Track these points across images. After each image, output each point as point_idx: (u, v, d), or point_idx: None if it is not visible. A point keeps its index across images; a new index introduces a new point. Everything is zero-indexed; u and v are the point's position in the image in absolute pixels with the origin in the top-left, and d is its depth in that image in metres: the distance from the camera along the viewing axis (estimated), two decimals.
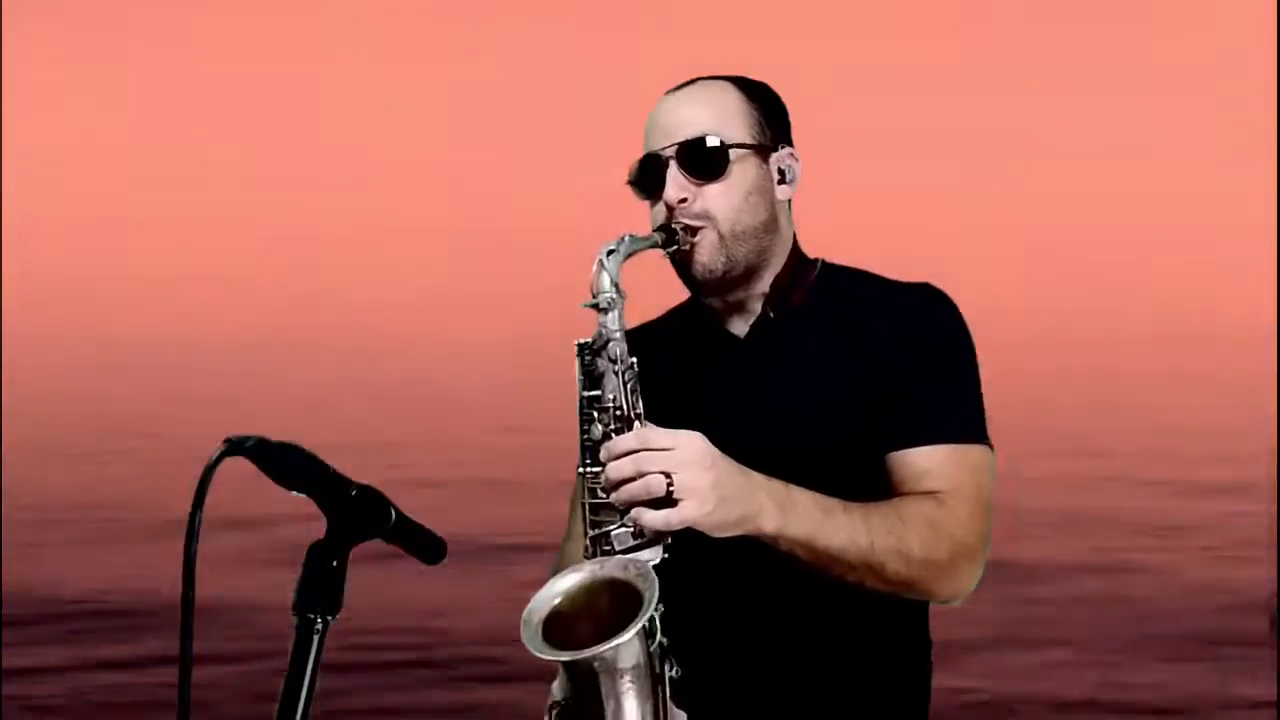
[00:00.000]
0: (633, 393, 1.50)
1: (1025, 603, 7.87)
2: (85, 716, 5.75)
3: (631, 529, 1.44)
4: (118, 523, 10.99)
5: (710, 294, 1.69)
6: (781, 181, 1.69)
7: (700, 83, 1.70)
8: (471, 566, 9.24)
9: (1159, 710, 5.95)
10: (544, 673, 1.59)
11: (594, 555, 1.48)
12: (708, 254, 1.63)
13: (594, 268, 1.52)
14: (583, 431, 1.52)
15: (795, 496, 1.48)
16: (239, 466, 1.33)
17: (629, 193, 1.72)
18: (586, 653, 1.37)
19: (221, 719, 5.33)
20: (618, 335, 1.51)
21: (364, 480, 1.38)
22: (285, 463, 1.33)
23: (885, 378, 1.62)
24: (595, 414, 1.50)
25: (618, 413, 1.49)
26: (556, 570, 1.73)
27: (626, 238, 1.56)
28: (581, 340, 1.53)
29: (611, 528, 1.46)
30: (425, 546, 1.45)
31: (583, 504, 1.51)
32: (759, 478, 1.47)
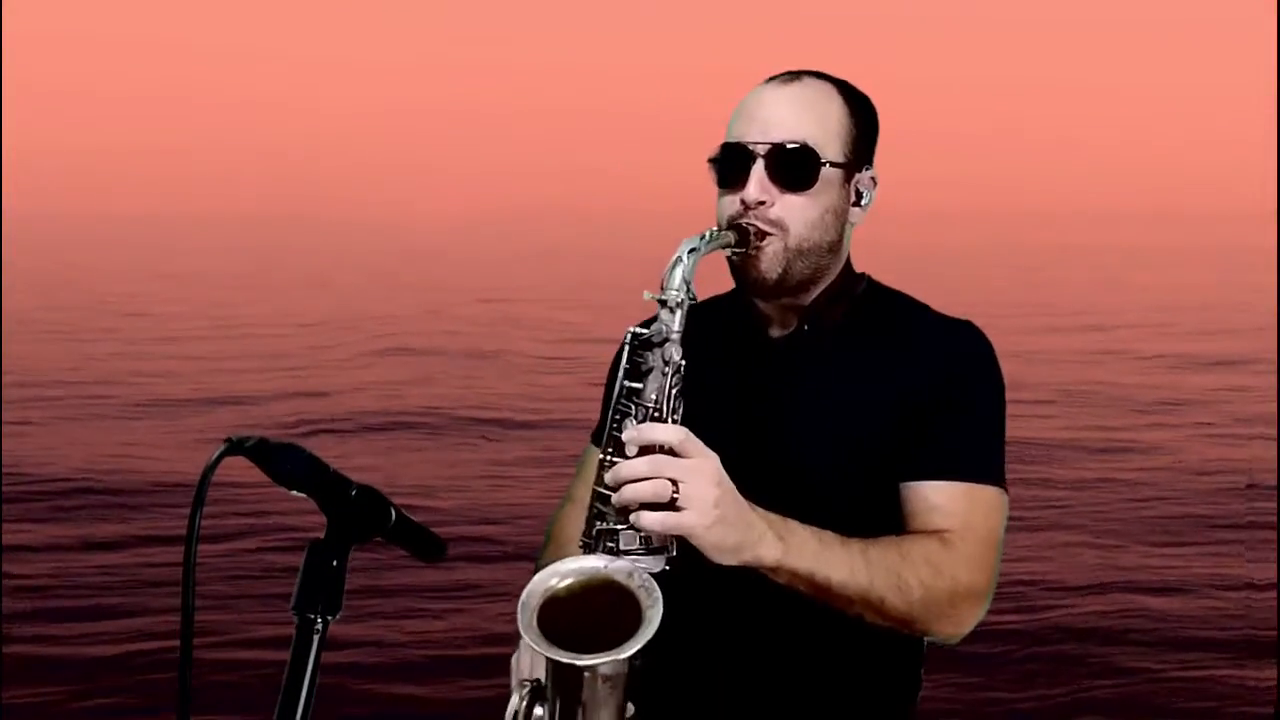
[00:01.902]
0: (675, 398, 1.46)
1: (1024, 484, 7.82)
2: (72, 595, 5.75)
3: (641, 534, 1.43)
4: (103, 400, 10.91)
5: (758, 296, 1.65)
6: (857, 204, 1.66)
7: (808, 80, 1.64)
8: (459, 440, 9.18)
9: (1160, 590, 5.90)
10: (529, 552, 1.60)
11: (596, 548, 1.45)
12: (767, 263, 1.59)
13: (671, 263, 1.47)
14: (614, 421, 1.48)
15: (795, 529, 1.47)
16: (239, 467, 1.32)
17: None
18: (586, 660, 1.36)
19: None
20: (676, 337, 1.46)
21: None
22: (285, 462, 1.32)
23: (909, 409, 1.59)
24: (633, 408, 1.46)
25: (655, 414, 1.45)
26: (552, 529, 1.76)
27: (708, 234, 1.51)
28: (636, 329, 1.48)
29: (621, 527, 1.43)
30: (425, 546, 1.45)
31: (594, 489, 1.47)
32: (760, 510, 1.45)
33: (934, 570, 1.51)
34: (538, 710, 1.45)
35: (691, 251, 1.48)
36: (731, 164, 1.60)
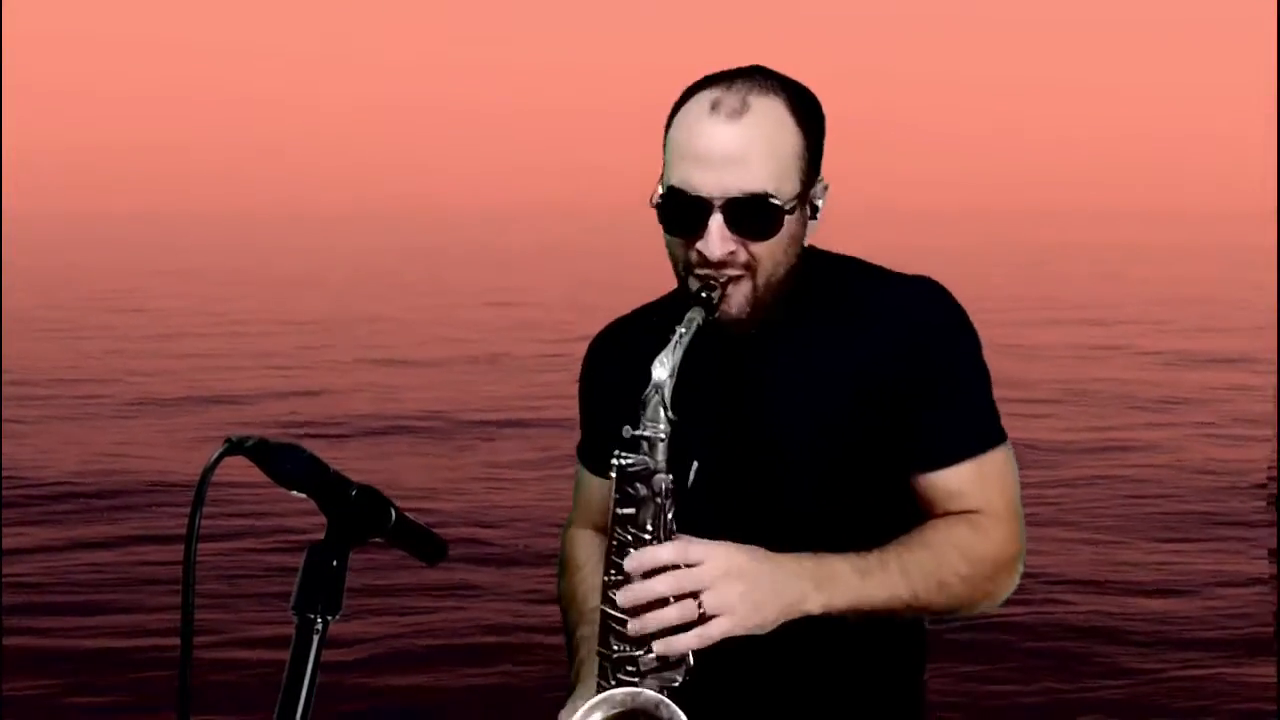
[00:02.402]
0: (670, 521, 1.43)
1: (1025, 484, 7.79)
2: (65, 591, 5.74)
3: (656, 655, 1.41)
4: (97, 400, 10.89)
5: (729, 331, 1.57)
6: (813, 216, 1.57)
7: (756, 107, 1.48)
8: (456, 444, 9.14)
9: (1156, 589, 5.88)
10: (525, 558, 1.48)
11: (615, 671, 1.44)
12: (737, 305, 1.52)
13: (648, 392, 1.42)
14: (613, 542, 1.45)
15: (834, 570, 1.46)
16: (236, 466, 1.31)
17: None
18: None
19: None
20: (663, 468, 1.43)
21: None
22: (285, 463, 1.31)
23: (879, 376, 1.55)
24: (630, 535, 1.44)
25: (655, 540, 1.43)
26: (567, 553, 1.75)
27: (676, 340, 1.44)
28: (624, 463, 1.44)
29: (638, 652, 1.42)
30: (425, 547, 1.44)
31: (603, 610, 1.45)
32: (790, 563, 1.44)
33: (969, 560, 1.53)
34: None
35: (670, 374, 1.43)
36: (684, 213, 1.49)
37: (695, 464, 1.56)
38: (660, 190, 1.51)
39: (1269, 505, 7.39)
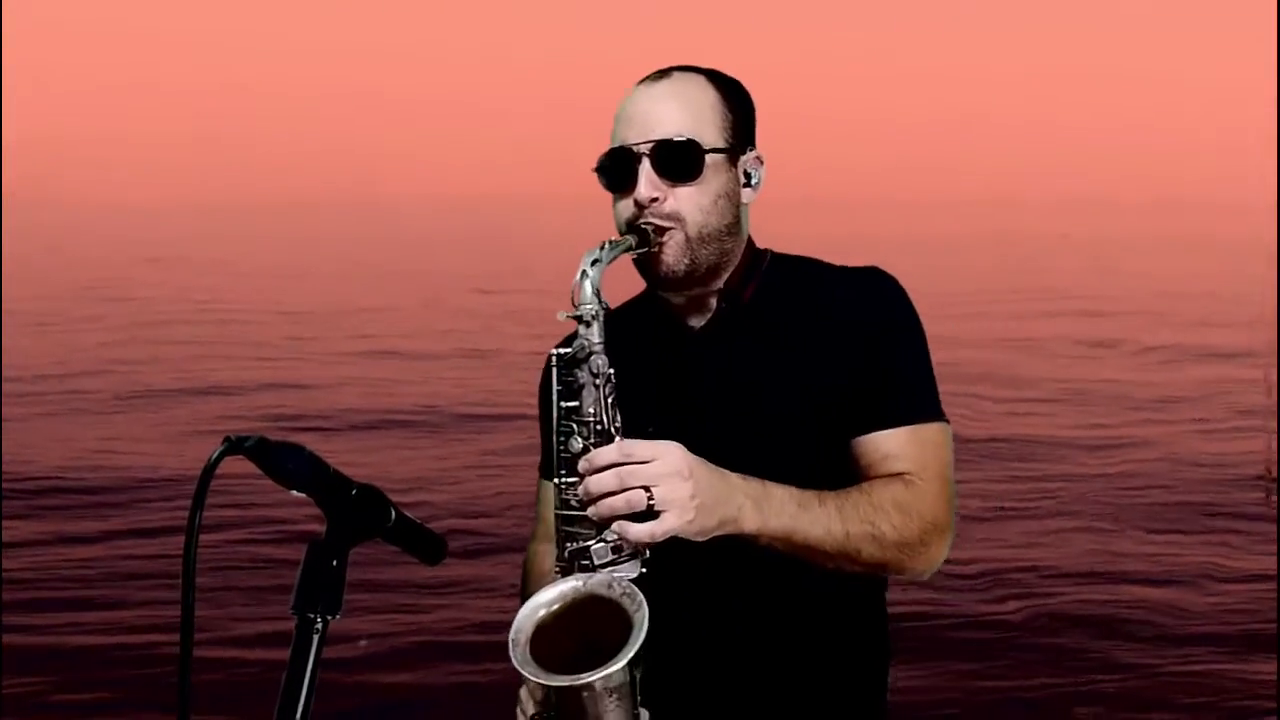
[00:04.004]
0: (612, 406, 1.51)
1: (1023, 479, 7.76)
2: (53, 588, 5.70)
3: (611, 543, 1.47)
4: (84, 394, 10.84)
5: (669, 290, 1.69)
6: (747, 185, 1.70)
7: (677, 76, 1.68)
8: (447, 435, 9.10)
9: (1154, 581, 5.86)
10: (519, 546, 1.64)
11: (571, 569, 1.50)
12: (673, 255, 1.63)
13: (577, 277, 1.52)
14: (559, 443, 1.53)
15: (772, 493, 1.53)
16: (229, 462, 1.30)
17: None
18: (584, 678, 1.39)
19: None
20: (599, 348, 1.52)
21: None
22: (285, 462, 1.33)
23: (840, 363, 1.65)
24: (574, 426, 1.52)
25: (598, 427, 1.51)
26: (529, 564, 1.80)
27: (607, 244, 1.55)
28: (559, 350, 1.54)
29: (591, 543, 1.48)
30: (425, 546, 1.45)
31: (557, 514, 1.54)
32: (735, 478, 1.51)
33: (903, 513, 1.58)
34: None
35: (595, 263, 1.52)
36: (618, 168, 1.64)
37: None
38: (599, 160, 1.67)
39: (1268, 497, 7.36)
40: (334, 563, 1.32)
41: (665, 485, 1.44)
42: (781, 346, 1.66)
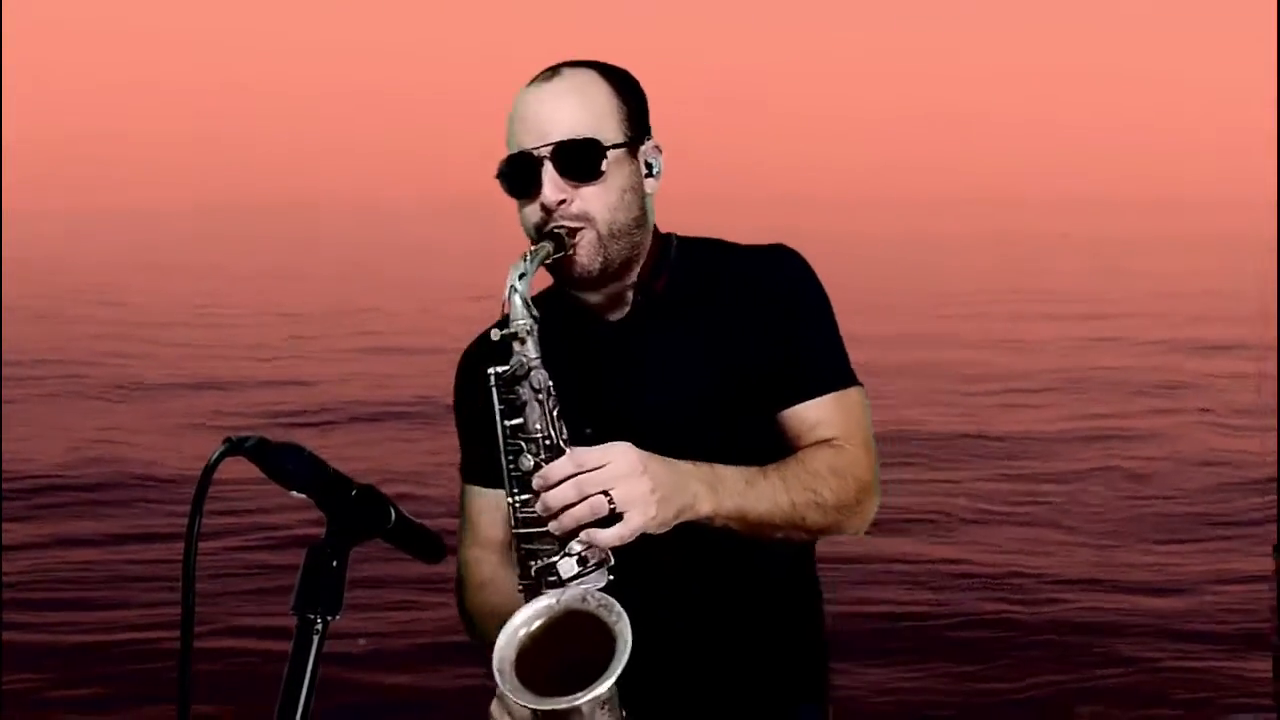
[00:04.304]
0: (557, 419, 1.52)
1: (1020, 477, 7.76)
2: (50, 588, 5.71)
3: (575, 556, 1.48)
4: (80, 394, 10.83)
5: (585, 290, 1.69)
6: (649, 174, 1.70)
7: (567, 73, 1.67)
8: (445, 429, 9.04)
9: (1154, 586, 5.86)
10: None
11: (538, 588, 1.50)
12: (587, 255, 1.63)
13: (506, 293, 1.53)
14: (508, 462, 1.54)
15: (721, 474, 1.56)
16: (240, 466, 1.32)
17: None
18: (582, 698, 1.39)
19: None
20: (537, 363, 1.52)
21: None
22: (285, 463, 1.33)
23: (758, 340, 1.68)
24: (522, 444, 1.52)
25: (546, 442, 1.51)
26: (466, 572, 1.80)
27: (528, 255, 1.56)
28: (497, 370, 1.55)
29: (556, 559, 1.48)
30: (424, 546, 1.46)
31: (515, 533, 1.55)
32: (686, 465, 1.54)
33: (839, 477, 1.64)
34: None
35: (522, 277, 1.53)
36: (520, 174, 1.64)
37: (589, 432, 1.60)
38: (499, 166, 1.67)
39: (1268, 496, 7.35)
40: (334, 563, 1.32)
41: (623, 486, 1.46)
42: (700, 331, 1.69)
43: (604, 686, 1.39)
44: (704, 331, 1.69)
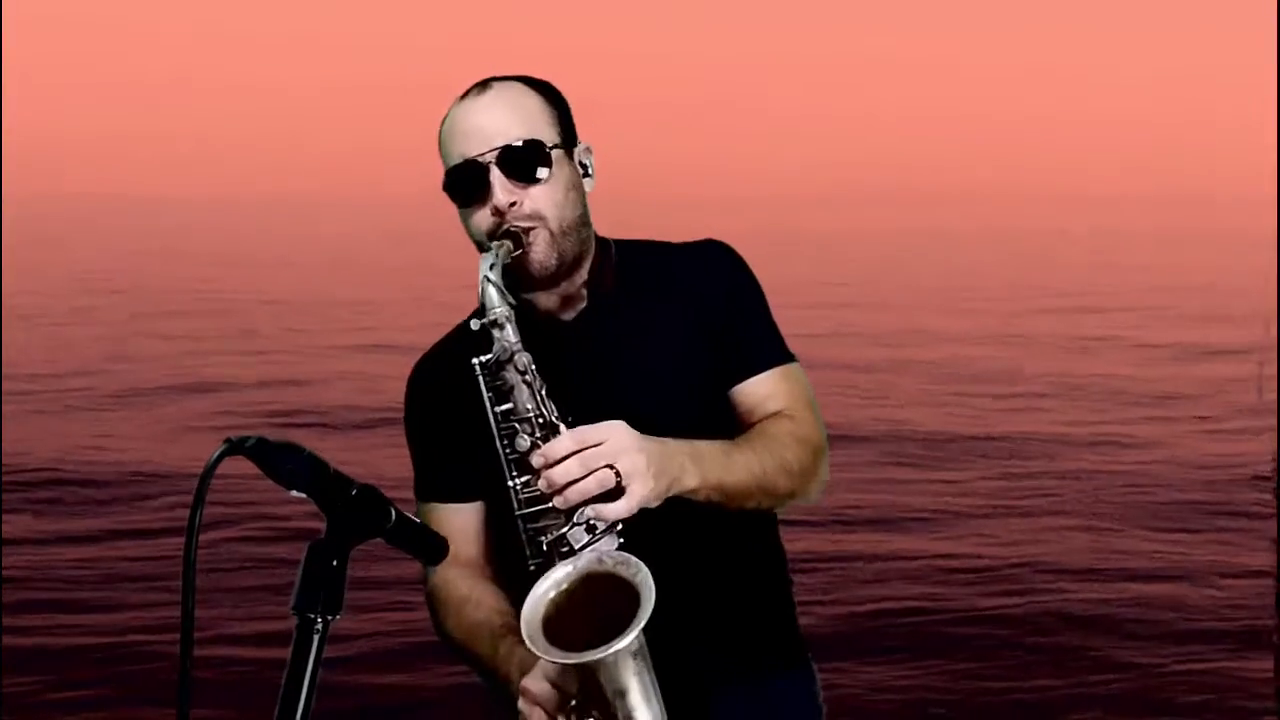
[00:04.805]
0: (546, 398, 1.58)
1: (1021, 476, 7.74)
2: (47, 588, 5.68)
3: (584, 525, 1.52)
4: (78, 392, 10.81)
5: (541, 289, 1.74)
6: (585, 175, 1.78)
7: (498, 85, 1.74)
8: None
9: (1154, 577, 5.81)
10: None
11: (550, 561, 1.54)
12: (542, 252, 1.69)
13: (480, 286, 1.58)
14: (504, 447, 1.58)
15: (701, 449, 1.63)
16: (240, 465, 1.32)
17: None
18: (615, 646, 1.43)
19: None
20: (519, 346, 1.58)
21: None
22: (285, 463, 1.33)
23: (705, 328, 1.77)
24: (516, 427, 1.57)
25: (540, 421, 1.56)
26: (440, 594, 1.79)
27: (493, 248, 1.62)
28: (481, 359, 1.60)
29: (565, 530, 1.53)
30: (425, 547, 1.46)
31: (519, 516, 1.58)
32: (671, 442, 1.60)
33: (799, 442, 1.72)
34: None
35: (492, 267, 1.59)
36: (467, 181, 1.70)
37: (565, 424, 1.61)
38: (445, 178, 1.73)
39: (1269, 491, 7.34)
40: (334, 563, 1.33)
41: (626, 459, 1.51)
42: (653, 325, 1.78)
43: (633, 634, 1.43)
44: (656, 325, 1.78)
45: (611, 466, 1.50)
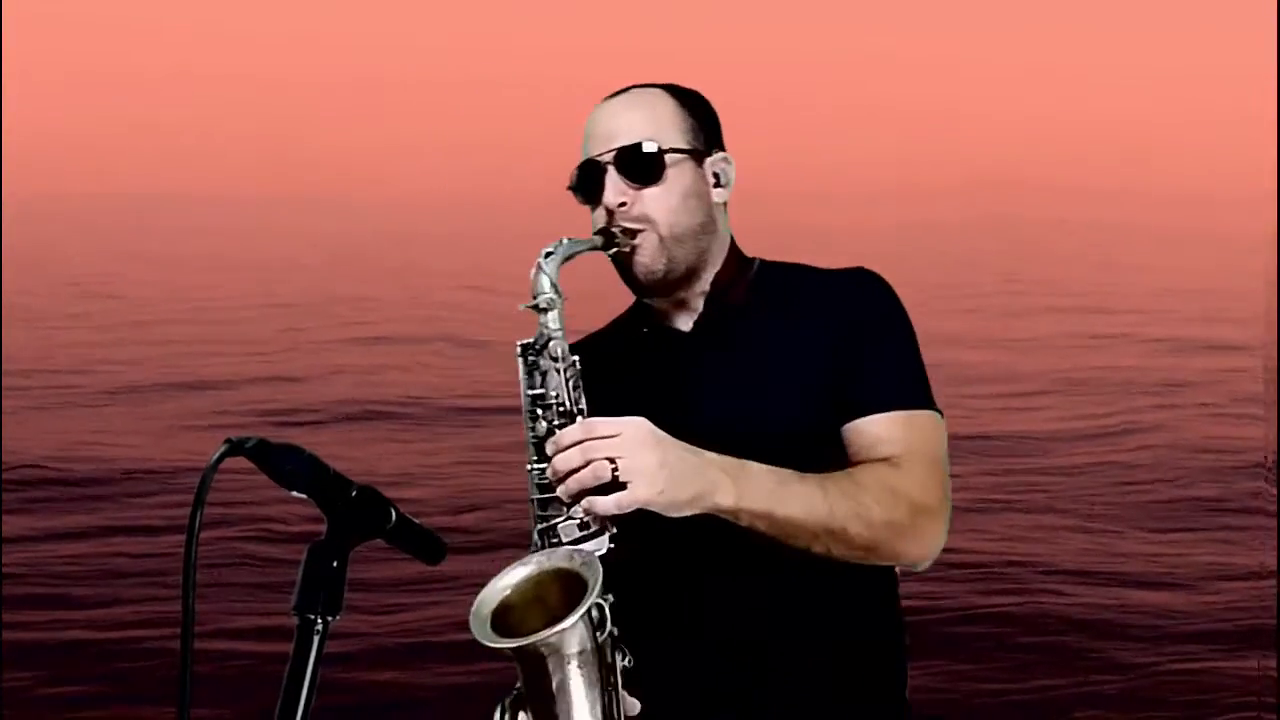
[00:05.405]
0: (575, 388, 1.56)
1: (1019, 471, 7.73)
2: (41, 584, 5.68)
3: (578, 520, 1.50)
4: (74, 389, 10.78)
5: (653, 294, 1.73)
6: (717, 185, 1.74)
7: (635, 90, 1.75)
8: (437, 429, 9.03)
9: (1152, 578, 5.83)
10: (509, 542, 1.53)
11: (541, 548, 1.53)
12: (649, 256, 1.68)
13: (533, 270, 1.58)
14: (528, 429, 1.58)
15: (749, 469, 1.53)
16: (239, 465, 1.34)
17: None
18: (532, 638, 1.41)
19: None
20: (559, 334, 1.57)
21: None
22: (286, 463, 1.34)
23: (828, 360, 1.67)
24: (540, 412, 1.56)
25: (561, 409, 1.55)
26: None
27: (564, 240, 1.61)
28: (523, 341, 1.59)
29: (557, 520, 1.51)
30: (425, 547, 1.47)
31: (530, 500, 1.56)
32: (711, 454, 1.52)
33: (890, 493, 1.58)
34: (522, 716, 1.50)
35: (548, 256, 1.58)
36: (587, 181, 1.71)
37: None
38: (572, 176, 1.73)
39: (1267, 485, 7.33)
40: (334, 564, 1.33)
41: (630, 456, 1.45)
42: (770, 345, 1.70)
43: (560, 627, 1.40)
44: (774, 345, 1.69)
45: (612, 460, 1.45)
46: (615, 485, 1.46)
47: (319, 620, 1.32)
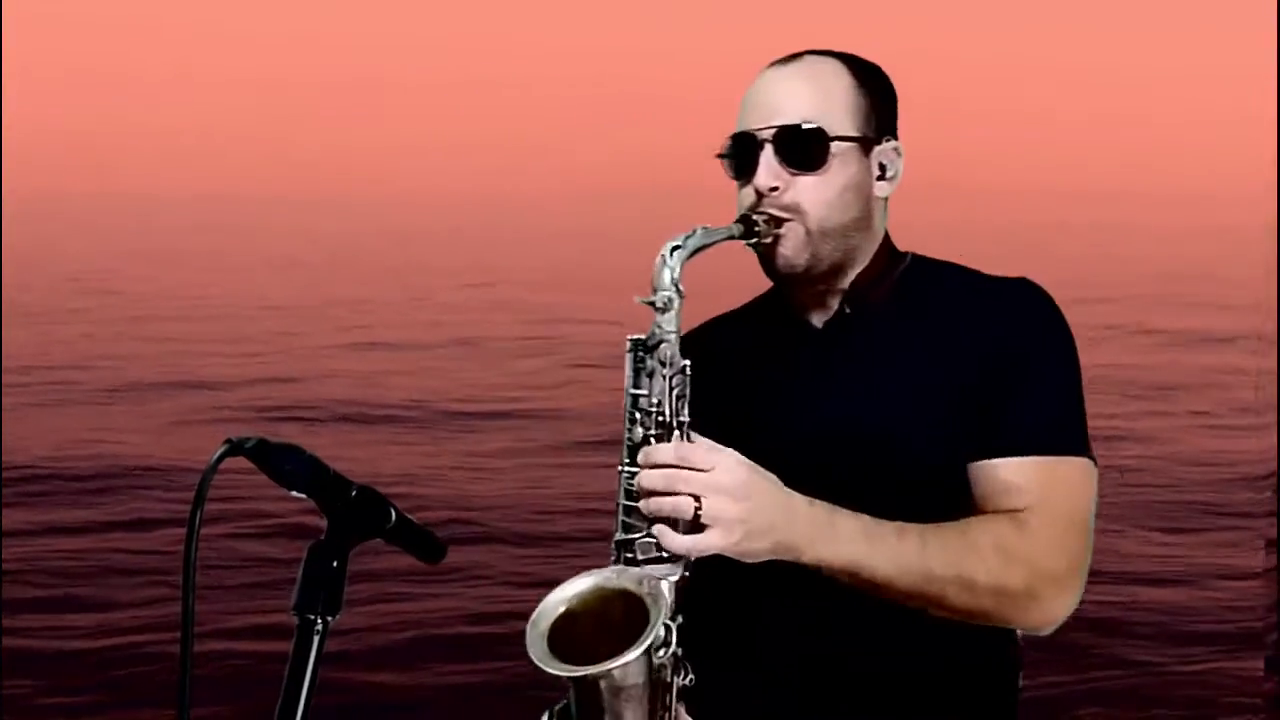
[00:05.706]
0: (679, 399, 1.44)
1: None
2: (41, 584, 5.67)
3: (655, 540, 1.42)
4: (73, 385, 10.77)
5: (789, 285, 1.59)
6: (881, 177, 1.59)
7: (809, 59, 1.59)
8: (437, 433, 8.99)
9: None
10: (510, 536, 1.49)
11: (618, 558, 1.45)
12: (792, 249, 1.54)
13: (657, 262, 1.45)
14: (627, 429, 1.48)
15: (839, 523, 1.41)
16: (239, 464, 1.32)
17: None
18: (586, 671, 1.36)
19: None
20: (671, 337, 1.45)
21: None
22: (286, 463, 1.34)
23: (972, 379, 1.51)
24: (638, 415, 1.45)
25: (660, 418, 1.43)
26: None
27: (698, 231, 1.47)
28: (635, 336, 1.47)
29: (637, 536, 1.43)
30: (425, 547, 1.46)
31: (617, 503, 1.46)
32: (800, 503, 1.41)
33: (1005, 558, 1.42)
34: None
35: (675, 250, 1.44)
36: (741, 154, 1.56)
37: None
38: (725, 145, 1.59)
39: (1270, 493, 7.32)
40: (334, 563, 1.33)
41: (715, 500, 1.36)
42: (908, 349, 1.54)
43: (609, 666, 1.34)
44: (911, 353, 1.54)
45: (697, 499, 1.36)
46: (695, 524, 1.37)
47: (319, 620, 1.32)
